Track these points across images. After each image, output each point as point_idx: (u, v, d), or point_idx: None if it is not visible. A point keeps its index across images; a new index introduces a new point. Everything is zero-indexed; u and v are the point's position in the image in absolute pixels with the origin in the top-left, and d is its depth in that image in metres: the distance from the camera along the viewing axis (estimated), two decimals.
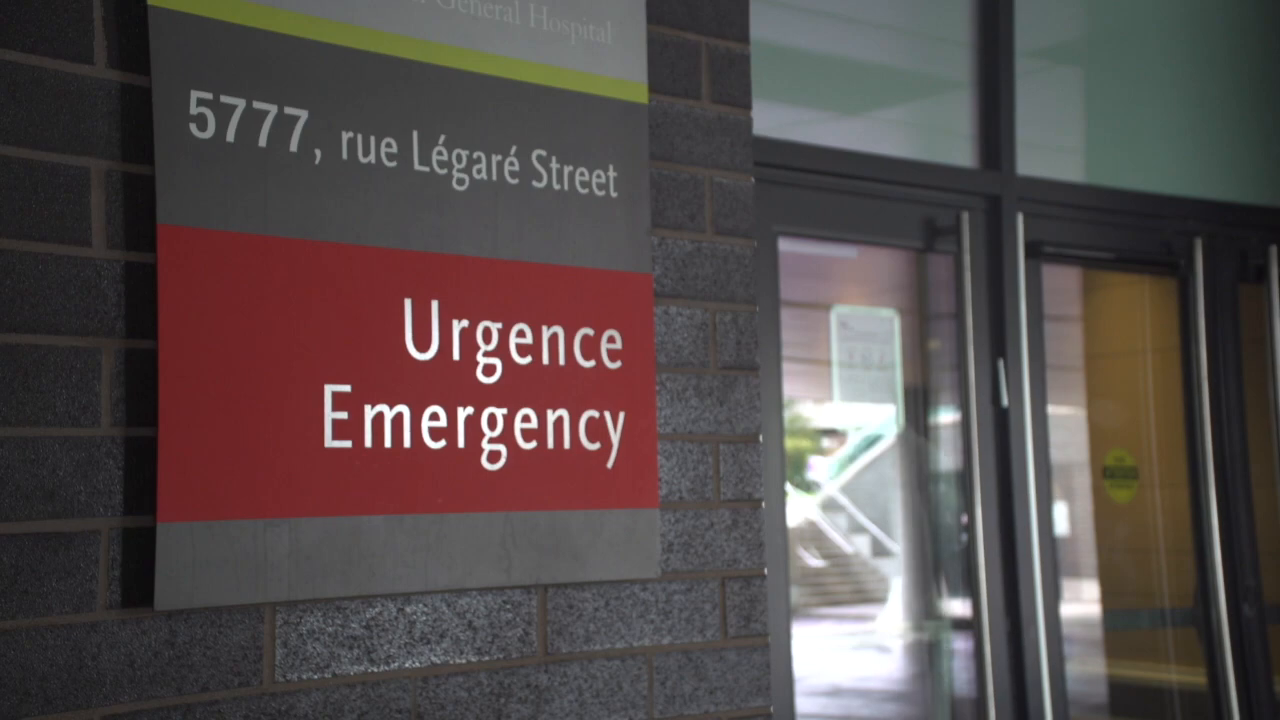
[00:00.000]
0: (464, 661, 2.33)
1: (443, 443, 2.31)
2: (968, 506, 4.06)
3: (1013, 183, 4.26)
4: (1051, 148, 4.56)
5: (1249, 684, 4.50)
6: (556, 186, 2.49)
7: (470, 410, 2.34)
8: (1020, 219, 4.23)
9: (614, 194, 2.56)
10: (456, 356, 2.34)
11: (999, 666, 4.02)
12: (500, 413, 2.38)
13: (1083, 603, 4.69)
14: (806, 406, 4.39)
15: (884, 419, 4.33)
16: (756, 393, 2.73)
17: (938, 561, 4.30)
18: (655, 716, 2.54)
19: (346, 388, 2.21)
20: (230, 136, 2.14)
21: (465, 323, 2.35)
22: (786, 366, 3.79)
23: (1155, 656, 4.72)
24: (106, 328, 2.04)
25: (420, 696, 2.28)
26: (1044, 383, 4.27)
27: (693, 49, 2.72)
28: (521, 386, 2.40)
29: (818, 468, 4.88)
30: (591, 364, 2.49)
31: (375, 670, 2.24)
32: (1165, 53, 4.89)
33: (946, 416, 4.28)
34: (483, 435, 2.35)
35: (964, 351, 4.10)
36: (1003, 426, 4.13)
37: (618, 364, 2.52)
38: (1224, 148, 4.93)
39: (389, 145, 2.30)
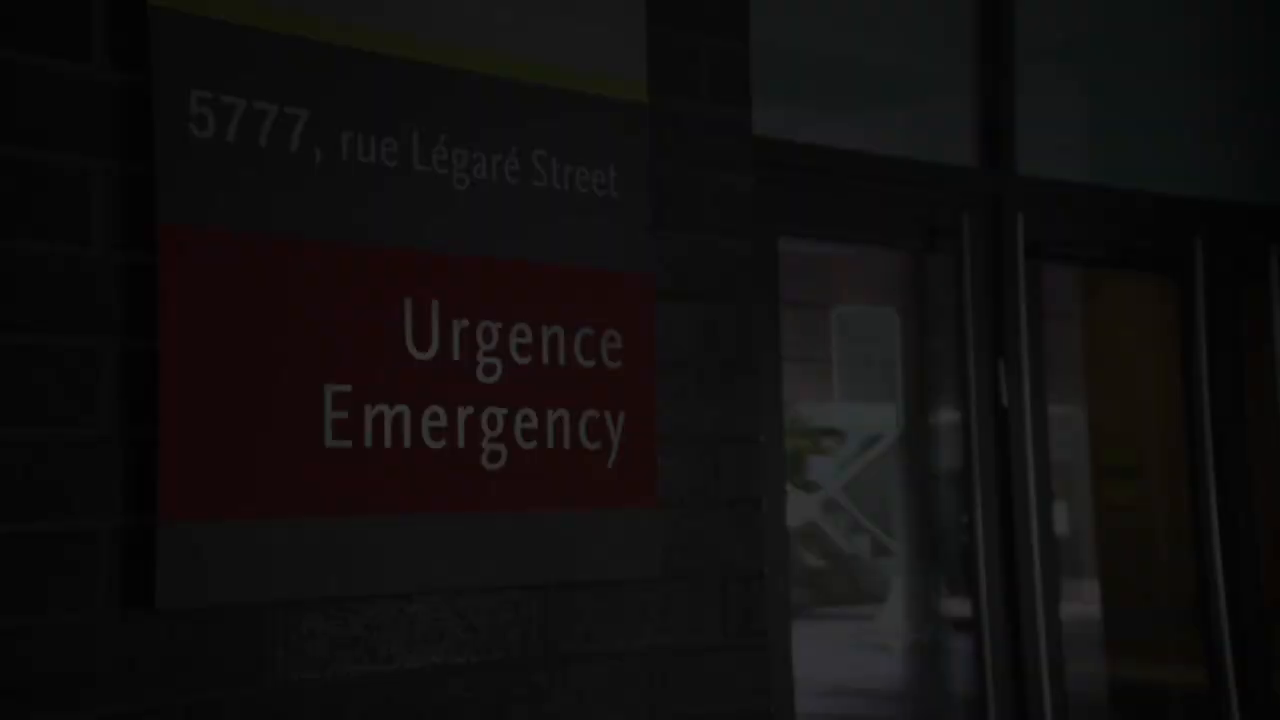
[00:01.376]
0: (464, 661, 2.33)
1: (443, 442, 2.31)
2: (968, 506, 4.06)
3: (1013, 183, 4.25)
4: (1052, 147, 4.55)
5: (1249, 684, 4.50)
6: (556, 186, 2.49)
7: (470, 410, 2.34)
8: (1020, 219, 4.22)
9: (614, 194, 2.56)
10: (456, 356, 2.34)
11: (999, 666, 4.02)
12: (500, 412, 2.37)
13: (1083, 603, 4.68)
14: (806, 406, 4.39)
15: (884, 419, 4.33)
16: (756, 393, 2.72)
17: (938, 561, 4.30)
18: (655, 716, 2.53)
19: (346, 388, 2.21)
20: (230, 136, 2.14)
21: (465, 322, 2.35)
22: (786, 366, 3.79)
23: (1155, 656, 4.72)
24: (106, 328, 2.04)
25: (420, 696, 2.28)
26: (1044, 383, 4.27)
27: (693, 48, 2.72)
28: (521, 386, 2.40)
29: (818, 468, 4.88)
30: (591, 364, 2.49)
31: (375, 670, 2.24)
32: (1165, 53, 4.88)
33: (946, 416, 4.27)
34: (483, 435, 2.35)
35: (964, 351, 4.09)
36: (1003, 426, 4.13)
37: (618, 364, 2.52)
38: (1224, 148, 4.92)
39: (389, 145, 2.30)
